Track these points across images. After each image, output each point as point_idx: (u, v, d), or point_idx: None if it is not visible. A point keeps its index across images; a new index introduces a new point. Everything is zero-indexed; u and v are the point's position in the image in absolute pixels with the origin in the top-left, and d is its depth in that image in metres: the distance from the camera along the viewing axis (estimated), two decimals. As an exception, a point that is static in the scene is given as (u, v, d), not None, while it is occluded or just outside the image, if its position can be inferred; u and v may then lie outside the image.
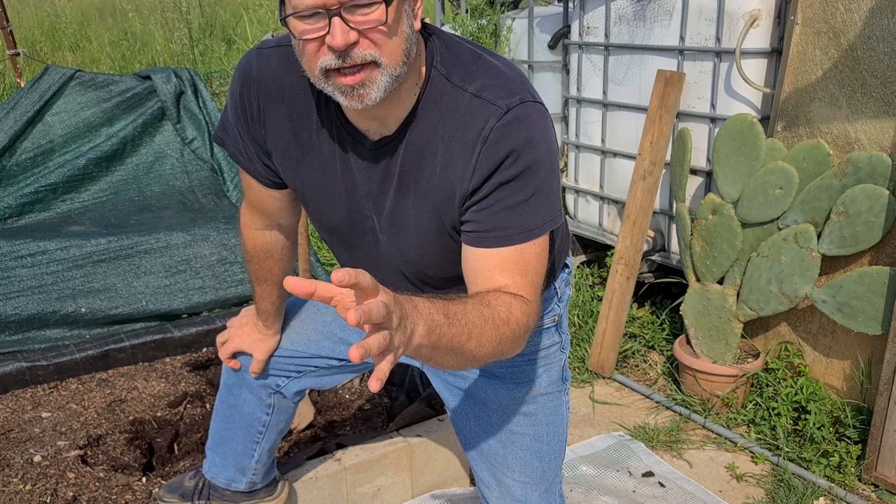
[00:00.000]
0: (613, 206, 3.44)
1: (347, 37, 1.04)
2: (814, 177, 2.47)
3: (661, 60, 3.01)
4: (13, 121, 3.41)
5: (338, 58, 1.06)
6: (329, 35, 1.04)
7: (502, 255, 1.17)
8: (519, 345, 1.17)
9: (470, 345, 1.04)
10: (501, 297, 1.14)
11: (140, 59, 7.76)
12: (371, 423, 2.50)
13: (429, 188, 1.21)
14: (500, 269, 1.17)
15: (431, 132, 1.19)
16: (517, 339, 1.14)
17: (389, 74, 1.09)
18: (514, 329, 1.12)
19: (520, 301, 1.15)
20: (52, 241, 2.96)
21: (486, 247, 1.18)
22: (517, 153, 1.13)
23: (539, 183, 1.16)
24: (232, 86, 1.33)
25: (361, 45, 1.06)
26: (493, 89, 1.16)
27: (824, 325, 2.61)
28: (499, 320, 1.09)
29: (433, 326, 0.97)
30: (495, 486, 1.55)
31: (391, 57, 1.08)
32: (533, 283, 1.19)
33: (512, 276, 1.17)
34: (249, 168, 1.39)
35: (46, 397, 2.53)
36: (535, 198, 1.16)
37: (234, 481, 1.79)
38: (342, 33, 1.04)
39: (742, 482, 2.44)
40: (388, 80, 1.09)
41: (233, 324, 1.66)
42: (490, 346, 1.08)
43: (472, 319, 1.04)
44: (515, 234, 1.17)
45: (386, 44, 1.07)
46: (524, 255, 1.18)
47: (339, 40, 1.04)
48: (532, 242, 1.18)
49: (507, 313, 1.11)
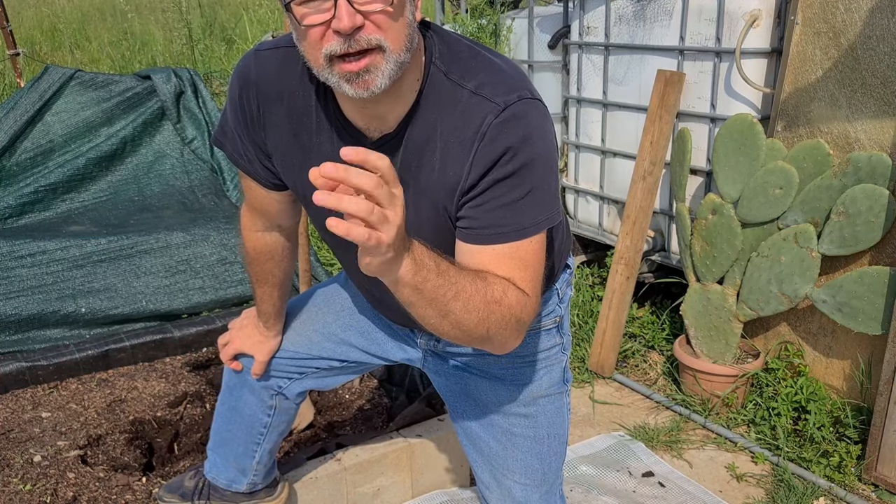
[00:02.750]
0: (613, 206, 3.44)
1: (354, 19, 1.03)
2: (814, 177, 2.47)
3: (661, 60, 3.01)
4: (13, 121, 3.42)
5: (344, 42, 1.05)
6: (335, 18, 1.03)
7: (498, 252, 1.17)
8: (510, 334, 1.16)
9: (455, 305, 1.06)
10: (501, 280, 1.14)
11: (140, 59, 7.76)
12: (371, 423, 2.51)
13: (428, 186, 1.20)
14: (498, 264, 1.17)
15: (430, 129, 1.18)
16: (508, 325, 1.14)
17: (395, 61, 1.08)
18: (505, 312, 1.12)
19: (518, 291, 1.15)
20: (52, 241, 2.96)
21: (482, 244, 1.17)
22: (514, 150, 1.13)
23: (535, 180, 1.16)
24: (231, 88, 1.32)
25: (367, 28, 1.05)
26: (491, 86, 1.16)
27: (824, 325, 2.61)
28: (490, 297, 1.10)
29: (421, 265, 1.00)
30: (496, 488, 1.55)
31: (396, 42, 1.08)
32: (532, 277, 1.19)
33: (510, 270, 1.17)
34: (249, 170, 1.39)
35: (46, 397, 2.53)
36: (532, 195, 1.16)
37: (235, 482, 1.80)
38: (349, 15, 1.03)
39: (742, 482, 2.44)
40: (393, 66, 1.09)
41: (234, 325, 1.66)
42: (476, 315, 1.09)
43: (462, 281, 1.07)
44: (511, 232, 1.16)
45: (391, 27, 1.07)
46: (520, 252, 1.17)
47: (346, 22, 1.03)
48: (529, 240, 1.17)
49: (502, 294, 1.12)
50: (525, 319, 1.17)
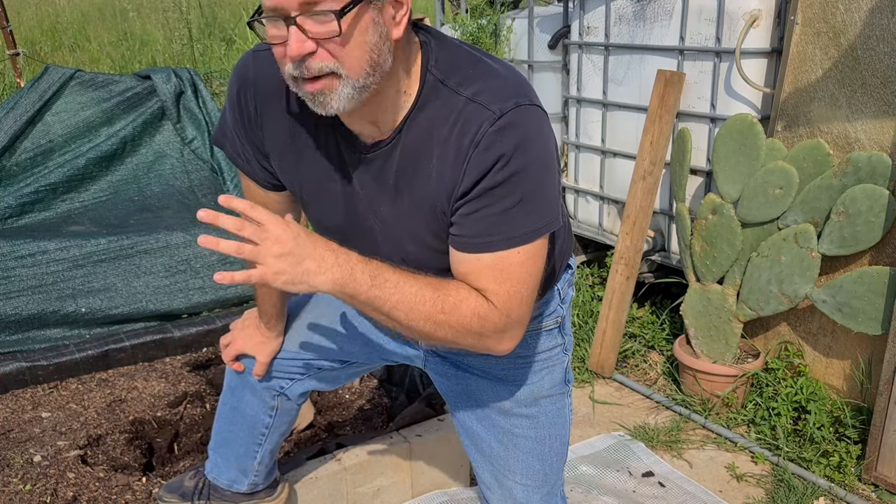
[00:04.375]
0: (613, 206, 3.44)
1: (302, 47, 1.03)
2: (814, 177, 2.47)
3: (661, 60, 3.01)
4: (13, 121, 3.42)
5: (295, 68, 1.06)
6: (287, 45, 1.04)
7: (482, 262, 1.16)
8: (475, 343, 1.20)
9: (398, 314, 1.14)
10: (462, 290, 1.17)
11: (140, 59, 7.76)
12: (371, 423, 2.51)
13: (424, 193, 1.19)
14: (477, 275, 1.17)
15: (426, 137, 1.17)
16: (465, 335, 1.18)
17: (352, 85, 1.08)
18: (455, 324, 1.16)
19: (481, 303, 1.16)
20: (52, 241, 2.96)
21: (469, 252, 1.17)
22: (506, 157, 1.11)
23: (527, 189, 1.14)
24: (229, 89, 1.32)
25: (319, 55, 1.05)
26: (488, 93, 1.14)
27: (824, 325, 2.61)
28: (441, 307, 1.14)
29: (351, 280, 1.11)
30: (497, 488, 1.55)
31: (352, 67, 1.07)
32: (510, 291, 1.17)
33: (487, 282, 1.16)
34: (248, 170, 1.39)
35: (46, 397, 2.53)
36: (523, 204, 1.14)
37: (236, 482, 1.80)
38: (297, 42, 1.03)
39: (742, 482, 2.44)
40: (351, 90, 1.08)
41: (235, 326, 1.66)
42: (426, 324, 1.15)
43: (406, 292, 1.14)
44: (498, 242, 1.15)
45: (345, 54, 1.06)
46: (503, 263, 1.16)
47: (294, 50, 1.03)
48: (516, 250, 1.15)
49: (453, 307, 1.15)
50: (488, 329, 1.18)
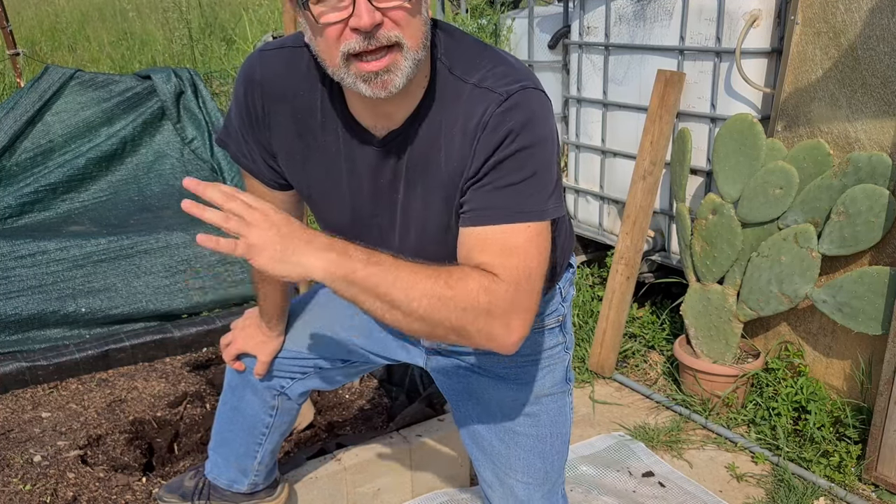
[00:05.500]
0: (613, 206, 3.44)
1: (374, 16, 1.03)
2: (814, 177, 2.47)
3: (661, 60, 3.01)
4: (13, 121, 3.42)
5: (364, 39, 1.05)
6: (354, 16, 1.03)
7: (486, 234, 1.14)
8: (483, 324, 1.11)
9: (397, 294, 1.08)
10: (466, 268, 1.12)
11: (140, 59, 7.75)
12: (371, 423, 2.51)
13: (436, 181, 1.20)
14: (481, 248, 1.14)
15: (436, 125, 1.18)
16: (471, 313, 1.10)
17: (412, 58, 1.09)
18: (461, 300, 1.09)
19: (486, 277, 1.11)
20: (52, 241, 2.96)
21: (475, 225, 1.16)
22: (515, 133, 1.12)
23: (536, 165, 1.14)
24: (236, 89, 1.32)
25: (385, 25, 1.05)
26: (493, 78, 1.16)
27: (824, 325, 2.61)
28: (444, 281, 1.09)
29: (346, 256, 1.07)
30: (498, 487, 1.55)
31: (413, 38, 1.08)
32: (517, 265, 1.13)
33: (491, 255, 1.13)
34: (253, 170, 1.38)
35: (46, 397, 2.53)
36: (533, 180, 1.14)
37: (236, 482, 1.79)
38: (368, 13, 1.03)
39: (742, 482, 2.44)
40: (411, 64, 1.09)
41: (236, 325, 1.66)
42: (427, 303, 1.08)
43: (402, 270, 1.09)
44: (504, 214, 1.13)
45: (409, 24, 1.07)
46: (509, 237, 1.14)
47: (366, 20, 1.02)
48: (525, 225, 1.14)
49: (460, 279, 1.09)
50: (495, 305, 1.10)
